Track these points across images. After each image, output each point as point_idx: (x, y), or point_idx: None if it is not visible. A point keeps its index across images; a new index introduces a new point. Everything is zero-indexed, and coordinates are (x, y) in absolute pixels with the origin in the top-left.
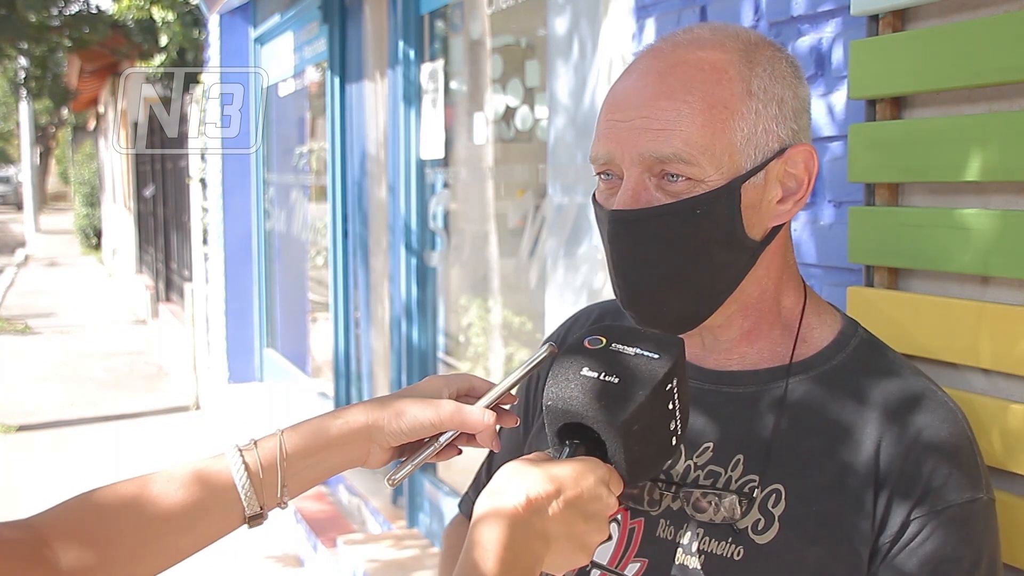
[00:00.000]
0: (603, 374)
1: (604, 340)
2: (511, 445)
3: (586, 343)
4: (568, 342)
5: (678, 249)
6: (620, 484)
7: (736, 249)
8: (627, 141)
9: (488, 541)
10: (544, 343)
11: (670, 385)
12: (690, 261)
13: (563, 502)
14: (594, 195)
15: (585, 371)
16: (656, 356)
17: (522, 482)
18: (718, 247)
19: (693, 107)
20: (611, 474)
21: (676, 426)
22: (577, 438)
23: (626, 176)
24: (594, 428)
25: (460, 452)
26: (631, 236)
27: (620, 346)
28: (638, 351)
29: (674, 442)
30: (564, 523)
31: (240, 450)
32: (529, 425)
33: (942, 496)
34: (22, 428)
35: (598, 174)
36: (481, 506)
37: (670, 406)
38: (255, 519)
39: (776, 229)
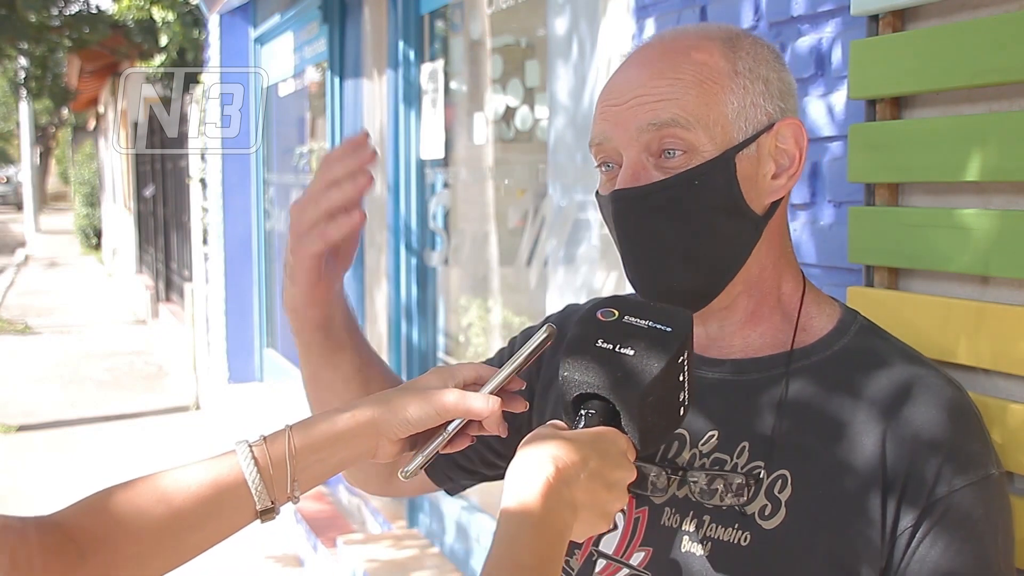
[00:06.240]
0: (618, 346)
1: (616, 312)
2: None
3: (599, 315)
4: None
5: (683, 222)
6: (634, 453)
7: (739, 219)
8: (624, 120)
9: (521, 514)
10: (543, 324)
11: (682, 358)
12: (696, 233)
13: (589, 472)
14: (597, 192)
15: (600, 343)
16: (668, 329)
17: (549, 453)
18: (721, 216)
19: (686, 82)
20: (628, 444)
21: (684, 397)
22: (591, 408)
23: (625, 158)
24: (610, 399)
25: (473, 441)
26: (635, 213)
27: (632, 319)
28: (650, 324)
29: (682, 412)
30: (590, 492)
31: (250, 446)
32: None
33: (953, 478)
34: (22, 428)
35: (599, 166)
36: (511, 479)
37: (680, 378)
38: (267, 514)
39: (775, 205)
